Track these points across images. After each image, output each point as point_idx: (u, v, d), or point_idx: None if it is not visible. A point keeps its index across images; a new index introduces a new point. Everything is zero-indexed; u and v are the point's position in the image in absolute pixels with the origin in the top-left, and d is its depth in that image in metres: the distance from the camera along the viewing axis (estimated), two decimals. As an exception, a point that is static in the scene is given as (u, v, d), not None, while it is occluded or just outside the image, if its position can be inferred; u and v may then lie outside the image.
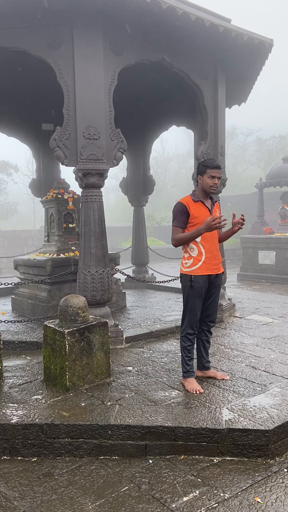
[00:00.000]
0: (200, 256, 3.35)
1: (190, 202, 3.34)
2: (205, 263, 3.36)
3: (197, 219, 3.32)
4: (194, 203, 3.35)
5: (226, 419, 2.82)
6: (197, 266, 3.36)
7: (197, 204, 3.35)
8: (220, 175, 3.37)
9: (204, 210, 3.36)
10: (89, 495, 2.38)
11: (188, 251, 3.40)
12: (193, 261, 3.37)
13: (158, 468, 2.61)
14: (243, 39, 4.90)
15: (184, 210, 3.31)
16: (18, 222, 30.88)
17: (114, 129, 4.51)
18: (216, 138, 5.59)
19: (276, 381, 3.52)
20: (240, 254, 12.83)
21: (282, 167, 11.59)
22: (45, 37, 4.30)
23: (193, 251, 3.37)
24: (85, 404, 3.11)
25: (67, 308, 3.50)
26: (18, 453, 2.81)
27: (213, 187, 3.34)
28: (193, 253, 3.38)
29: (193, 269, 3.36)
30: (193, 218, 3.32)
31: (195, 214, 3.32)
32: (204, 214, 3.34)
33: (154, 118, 7.86)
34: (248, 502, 2.28)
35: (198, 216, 3.32)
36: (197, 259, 3.36)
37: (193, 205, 3.34)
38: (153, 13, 4.23)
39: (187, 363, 3.45)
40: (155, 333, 4.97)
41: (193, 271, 3.36)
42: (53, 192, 6.32)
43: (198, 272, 3.35)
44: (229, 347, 4.51)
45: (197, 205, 3.35)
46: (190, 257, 3.39)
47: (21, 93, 6.81)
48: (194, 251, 3.37)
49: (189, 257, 3.40)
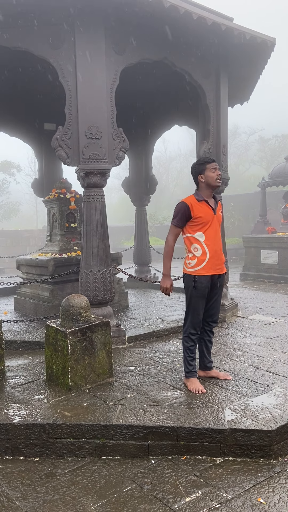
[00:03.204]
0: (204, 256, 3.34)
1: (194, 202, 3.33)
2: (209, 263, 3.34)
3: (201, 219, 3.31)
4: (198, 203, 3.34)
5: (229, 419, 2.81)
6: (201, 267, 3.34)
7: (201, 204, 3.34)
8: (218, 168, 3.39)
9: (208, 209, 3.35)
10: (91, 495, 2.37)
11: (192, 251, 3.38)
12: (197, 261, 3.35)
13: (160, 468, 2.61)
14: (245, 38, 4.88)
15: (186, 211, 3.30)
16: (21, 222, 30.90)
17: (116, 129, 4.50)
18: (218, 137, 5.58)
19: (279, 381, 3.51)
20: (242, 254, 12.79)
21: (284, 166, 11.55)
22: (47, 36, 4.29)
23: (197, 251, 3.36)
24: (87, 404, 3.11)
25: (69, 307, 3.50)
26: (20, 453, 2.81)
27: (219, 178, 3.36)
28: (197, 253, 3.36)
29: (196, 269, 3.35)
30: (198, 217, 3.30)
31: (199, 214, 3.31)
32: (208, 214, 3.34)
33: (156, 118, 7.86)
34: (250, 502, 2.26)
35: (202, 216, 3.31)
36: (200, 259, 3.34)
37: (197, 204, 3.33)
38: (155, 12, 4.22)
39: (189, 363, 3.44)
40: (157, 333, 4.96)
41: (196, 271, 3.34)
42: (55, 192, 6.32)
43: (202, 272, 3.34)
44: (232, 347, 4.50)
45: (201, 205, 3.34)
46: (194, 257, 3.37)
47: (23, 92, 6.82)
48: (198, 251, 3.35)
49: (192, 257, 3.38)
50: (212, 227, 3.35)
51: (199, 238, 3.33)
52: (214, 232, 3.36)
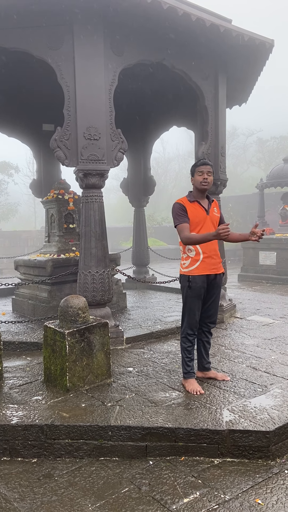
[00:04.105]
0: (197, 256, 3.36)
1: (186, 203, 3.38)
2: (203, 263, 3.36)
3: (193, 220, 3.34)
4: (190, 203, 3.38)
5: (227, 420, 2.81)
6: (195, 266, 3.36)
7: (193, 204, 3.38)
8: (209, 171, 3.36)
9: (200, 210, 3.38)
10: (89, 496, 2.37)
11: (186, 251, 3.41)
12: (191, 261, 3.37)
13: (158, 469, 2.60)
14: (244, 39, 4.89)
15: (182, 208, 3.34)
16: (19, 223, 30.87)
17: (114, 130, 4.50)
18: (216, 139, 5.59)
19: (277, 382, 3.51)
20: (241, 255, 12.81)
21: (282, 168, 11.56)
22: (46, 37, 4.30)
23: (190, 252, 3.38)
24: (85, 405, 3.11)
25: (67, 308, 3.50)
26: (18, 454, 2.81)
27: (203, 182, 3.34)
28: (190, 253, 3.38)
29: (191, 269, 3.36)
30: (189, 218, 3.34)
31: (191, 214, 3.34)
32: (200, 214, 3.36)
33: (154, 119, 7.86)
34: (248, 503, 2.27)
35: (194, 217, 3.34)
36: (194, 259, 3.36)
37: (189, 205, 3.37)
38: (154, 14, 4.23)
39: (187, 364, 3.44)
40: (155, 333, 4.96)
41: (191, 271, 3.36)
42: (53, 193, 6.31)
43: (196, 272, 3.35)
44: (230, 348, 4.50)
45: (193, 205, 3.38)
46: (187, 257, 3.40)
47: (22, 93, 6.81)
48: (191, 251, 3.38)
49: (187, 257, 3.40)
50: (205, 228, 3.37)
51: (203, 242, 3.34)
52: (207, 232, 3.37)
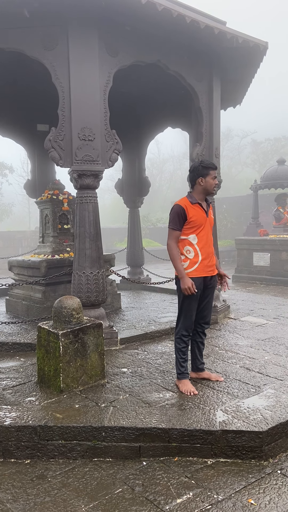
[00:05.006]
0: (196, 258, 3.36)
1: (188, 205, 3.35)
2: (201, 265, 3.37)
3: (195, 222, 3.33)
4: (192, 205, 3.36)
5: (220, 421, 2.82)
6: (193, 268, 3.36)
7: (194, 206, 3.36)
8: None
9: (201, 212, 3.38)
10: (83, 497, 2.37)
11: (185, 253, 3.40)
12: (189, 263, 3.37)
13: (152, 470, 2.61)
14: (238, 41, 4.92)
15: (182, 213, 3.31)
16: (13, 223, 30.73)
17: (109, 130, 4.51)
18: (211, 140, 5.60)
19: (270, 382, 3.53)
20: (235, 256, 12.84)
21: (276, 169, 11.62)
22: (40, 37, 4.29)
23: (189, 253, 3.38)
24: (79, 406, 3.10)
25: (61, 309, 3.49)
26: (11, 455, 2.80)
27: (216, 187, 3.45)
28: (189, 255, 3.38)
29: (189, 271, 3.36)
30: (191, 220, 3.33)
31: (193, 216, 3.33)
32: (201, 216, 3.37)
33: (149, 120, 7.87)
34: (241, 503, 2.27)
35: (196, 219, 3.34)
36: (193, 261, 3.37)
37: (191, 207, 3.35)
38: (149, 15, 4.24)
39: (181, 365, 3.45)
40: (149, 334, 4.96)
41: (189, 273, 3.35)
42: (48, 193, 6.30)
43: (194, 274, 3.35)
44: (224, 349, 4.52)
45: (195, 207, 3.36)
46: (186, 259, 3.39)
47: (16, 93, 6.80)
48: (190, 253, 3.37)
49: (185, 259, 3.40)
50: (204, 230, 3.38)
51: (192, 241, 3.35)
52: (206, 234, 3.39)
